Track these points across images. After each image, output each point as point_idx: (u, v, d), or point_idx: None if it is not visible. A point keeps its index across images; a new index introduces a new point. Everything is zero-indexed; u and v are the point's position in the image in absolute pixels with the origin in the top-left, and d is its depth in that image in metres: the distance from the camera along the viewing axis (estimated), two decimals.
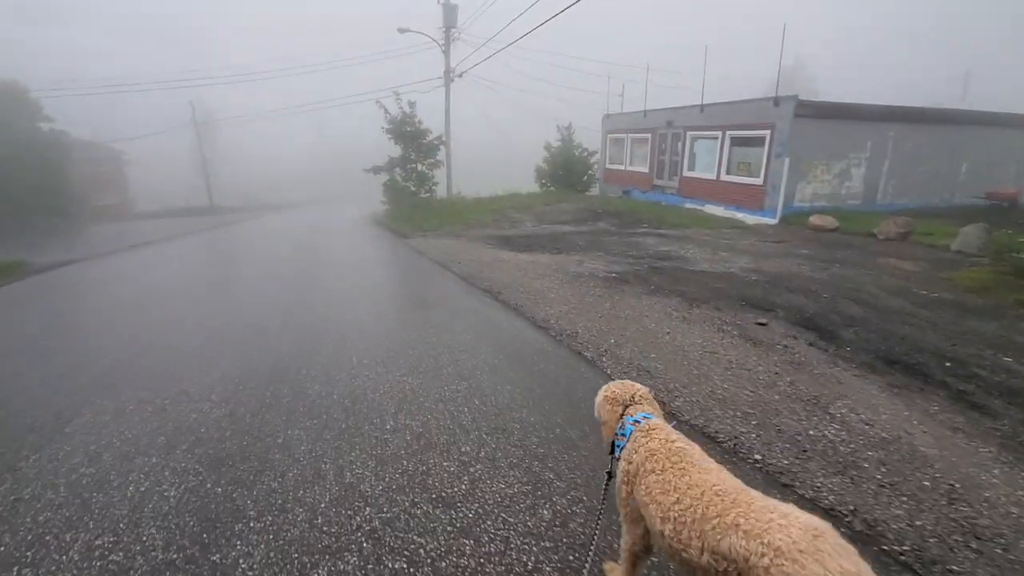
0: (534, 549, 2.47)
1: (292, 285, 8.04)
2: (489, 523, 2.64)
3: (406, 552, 2.46)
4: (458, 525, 2.63)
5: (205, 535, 2.57)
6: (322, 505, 2.78)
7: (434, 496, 2.85)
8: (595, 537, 2.00)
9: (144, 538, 2.55)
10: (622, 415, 2.01)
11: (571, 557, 2.42)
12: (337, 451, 3.30)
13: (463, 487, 2.93)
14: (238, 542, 2.53)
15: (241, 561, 2.40)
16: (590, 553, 2.12)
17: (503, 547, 2.48)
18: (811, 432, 3.46)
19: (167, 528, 2.62)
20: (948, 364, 4.54)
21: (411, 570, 2.35)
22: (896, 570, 2.34)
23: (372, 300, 6.99)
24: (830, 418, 3.64)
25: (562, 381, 4.19)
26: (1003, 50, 54.84)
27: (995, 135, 16.71)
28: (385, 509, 2.75)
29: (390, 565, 2.38)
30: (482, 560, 2.41)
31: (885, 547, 2.46)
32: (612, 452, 1.99)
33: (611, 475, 2.01)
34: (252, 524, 2.65)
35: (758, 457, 3.19)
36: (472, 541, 2.52)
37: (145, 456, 3.27)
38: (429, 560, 2.41)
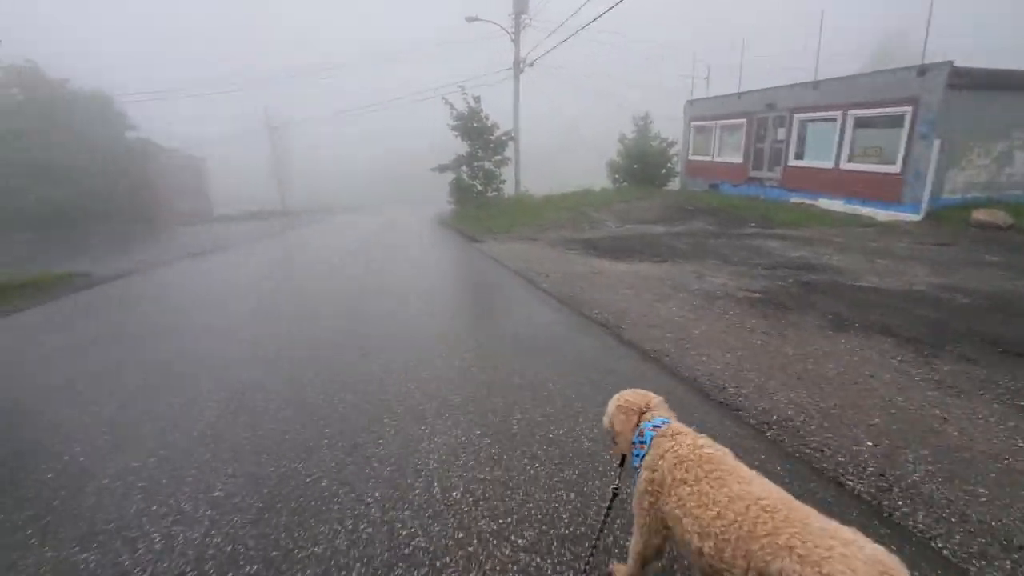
0: None
1: (339, 325, 6.79)
2: None
3: None
4: None
5: None
6: None
7: None
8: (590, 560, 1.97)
9: None
10: (638, 423, 1.87)
11: None
12: None
13: None
14: None
15: None
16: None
17: None
18: None
19: None
20: None
21: None
22: None
23: (445, 345, 4.87)
24: None
25: None
26: None
27: None
28: None
29: None
30: None
31: None
32: (622, 464, 1.94)
33: (616, 493, 1.93)
34: None
35: None
36: None
37: None
38: None
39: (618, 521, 2.35)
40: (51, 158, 23.04)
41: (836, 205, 13.99)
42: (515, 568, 2.17)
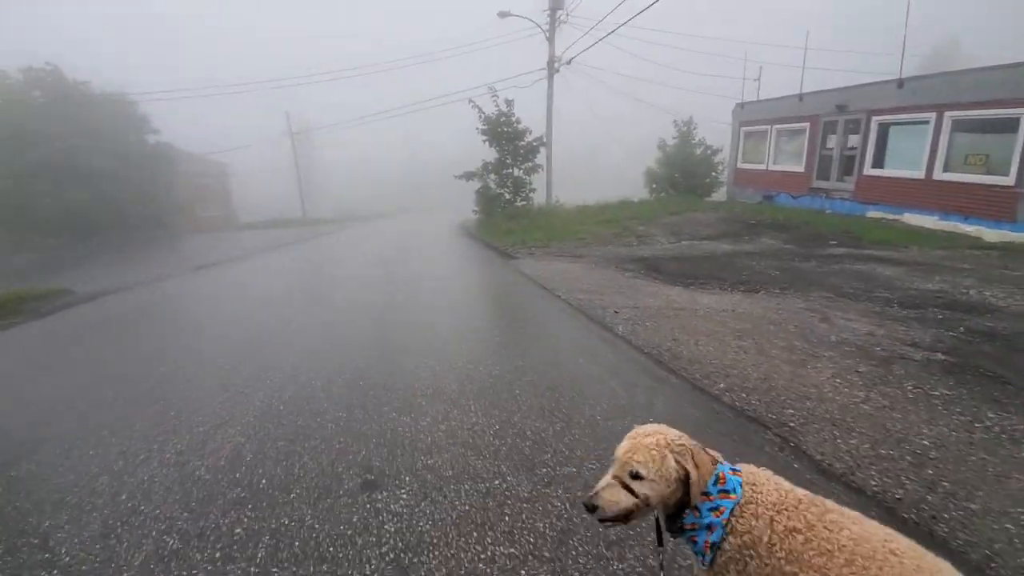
0: None
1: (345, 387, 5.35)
2: None
3: None
4: None
5: None
6: None
7: None
8: None
9: None
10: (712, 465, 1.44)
11: None
12: None
13: None
14: None
15: None
16: None
17: None
18: None
19: None
20: None
21: None
22: None
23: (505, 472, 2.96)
24: None
25: None
26: None
27: None
28: None
29: None
30: None
31: None
32: (679, 532, 1.41)
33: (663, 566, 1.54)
34: None
35: None
36: None
37: None
38: None
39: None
40: (74, 162, 22.36)
41: (928, 221, 12.06)
42: None
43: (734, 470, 1.40)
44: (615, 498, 1.34)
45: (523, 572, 2.21)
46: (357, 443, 3.36)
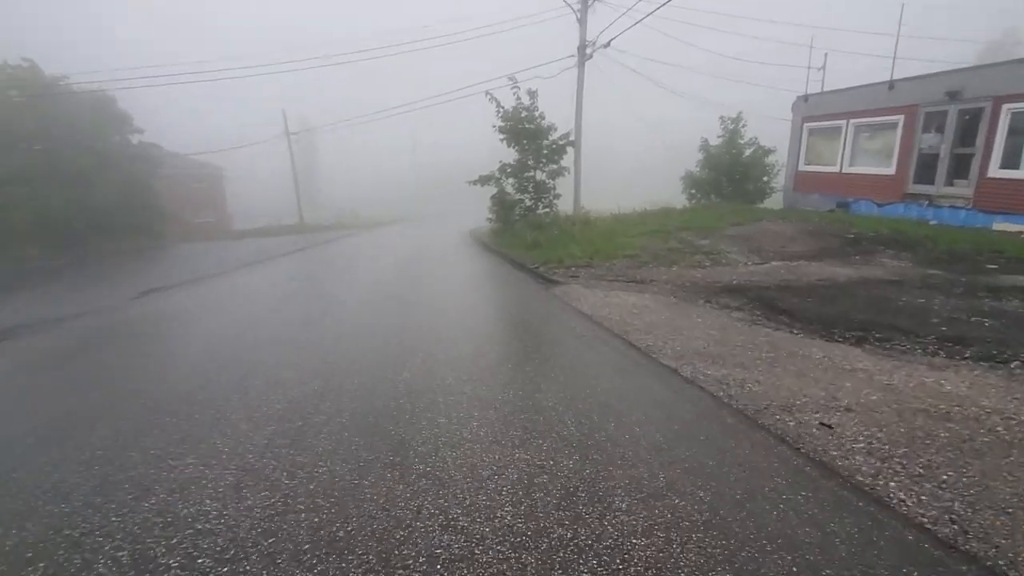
0: None
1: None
2: None
3: None
4: None
5: None
6: None
7: None
8: None
9: None
10: None
11: None
12: None
13: None
14: None
15: None
16: None
17: None
18: None
19: None
20: None
21: None
22: None
23: None
24: None
25: None
26: None
27: None
28: None
29: None
30: None
31: None
32: None
33: None
34: None
35: None
36: None
37: None
38: None
39: None
40: (53, 166, 19.95)
41: None
42: None
43: None
44: None
45: None
46: None
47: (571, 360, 4.80)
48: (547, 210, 18.21)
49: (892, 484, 2.63)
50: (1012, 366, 4.06)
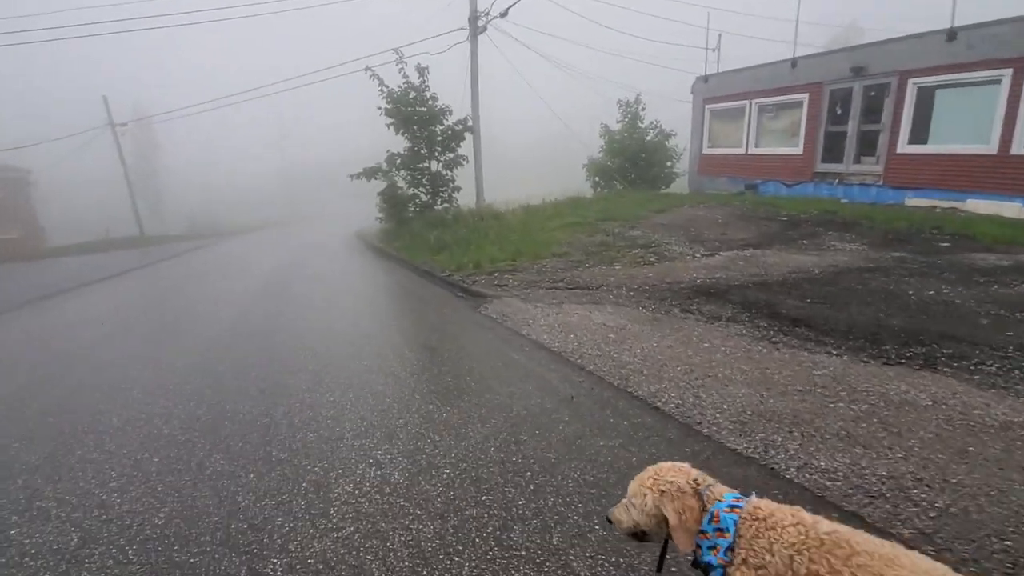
0: None
1: None
2: None
3: None
4: None
5: None
6: None
7: None
8: None
9: None
10: (704, 507, 1.35)
11: None
12: None
13: None
14: None
15: None
16: None
17: None
18: None
19: None
20: None
21: None
22: None
23: None
24: None
25: None
26: None
27: None
28: None
29: None
30: None
31: None
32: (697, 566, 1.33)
33: None
34: None
35: None
36: None
37: None
38: None
39: None
40: None
41: (1007, 208, 9.23)
42: None
43: (733, 507, 1.31)
44: (619, 517, 1.49)
45: None
46: None
47: (592, 475, 2.74)
48: (447, 205, 16.02)
49: None
50: None
